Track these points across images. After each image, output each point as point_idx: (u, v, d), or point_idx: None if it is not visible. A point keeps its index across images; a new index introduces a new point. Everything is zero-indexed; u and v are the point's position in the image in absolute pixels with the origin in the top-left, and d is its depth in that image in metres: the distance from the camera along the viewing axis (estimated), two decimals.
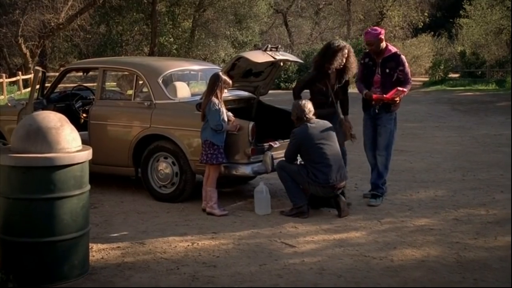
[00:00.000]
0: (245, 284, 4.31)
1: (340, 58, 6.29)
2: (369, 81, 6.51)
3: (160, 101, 6.75)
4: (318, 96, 6.40)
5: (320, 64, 6.39)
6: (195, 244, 5.26)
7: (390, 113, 6.52)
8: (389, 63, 6.43)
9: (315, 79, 6.47)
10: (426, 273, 4.51)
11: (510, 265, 4.52)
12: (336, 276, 4.47)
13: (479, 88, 29.14)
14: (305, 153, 6.10)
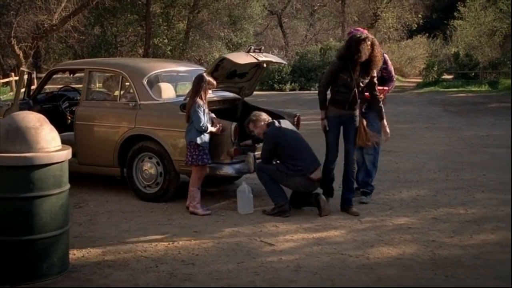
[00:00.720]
0: (222, 282, 4.39)
1: (365, 48, 5.89)
2: None
3: (145, 102, 6.83)
4: (341, 89, 6.04)
5: (345, 55, 6.02)
6: (175, 242, 5.33)
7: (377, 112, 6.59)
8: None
9: (340, 69, 6.03)
10: (400, 270, 4.60)
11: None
12: (312, 273, 4.55)
13: (472, 89, 29.22)
14: (282, 151, 6.21)
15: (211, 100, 6.99)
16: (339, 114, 6.11)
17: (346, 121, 6.14)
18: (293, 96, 24.26)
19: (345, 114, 6.12)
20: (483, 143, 11.29)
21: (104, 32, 30.87)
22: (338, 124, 6.17)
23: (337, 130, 6.19)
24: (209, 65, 6.95)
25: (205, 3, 30.91)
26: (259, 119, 6.33)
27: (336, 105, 6.11)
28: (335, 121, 6.14)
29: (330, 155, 6.26)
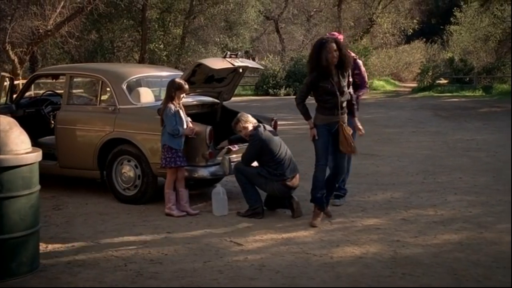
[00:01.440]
0: (185, 280, 4.53)
1: (331, 49, 5.78)
2: None
3: (124, 106, 6.99)
4: (326, 97, 5.95)
5: (316, 63, 5.91)
6: (147, 243, 5.48)
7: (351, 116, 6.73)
8: None
9: (318, 79, 5.93)
10: (360, 269, 4.74)
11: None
12: (274, 272, 4.69)
13: (466, 94, 29.40)
14: (266, 155, 6.33)
15: (190, 104, 7.17)
16: (328, 122, 6.00)
17: (336, 128, 6.01)
18: (287, 101, 24.37)
19: (335, 122, 5.98)
20: (465, 147, 11.43)
21: (100, 38, 31.04)
22: (327, 132, 6.03)
23: (326, 138, 6.04)
24: (185, 71, 7.08)
25: (201, 9, 31.08)
26: (247, 121, 6.44)
27: (325, 113, 6.01)
28: (324, 129, 6.02)
29: (320, 164, 6.09)
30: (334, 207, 6.68)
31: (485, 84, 31.55)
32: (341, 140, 6.00)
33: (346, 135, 6.00)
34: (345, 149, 6.04)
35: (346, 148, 6.03)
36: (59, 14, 23.18)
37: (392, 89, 36.74)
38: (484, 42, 35.06)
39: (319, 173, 6.09)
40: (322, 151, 6.05)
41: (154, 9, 31.84)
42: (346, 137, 6.00)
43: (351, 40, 37.94)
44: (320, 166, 6.08)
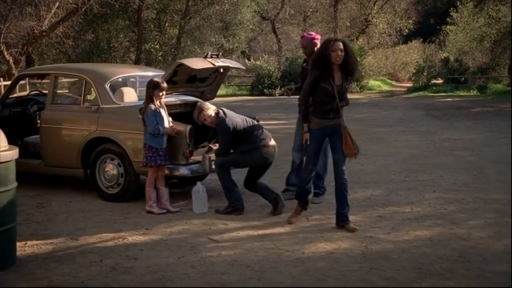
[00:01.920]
0: (157, 274, 4.65)
1: (336, 47, 5.59)
2: (303, 83, 6.85)
3: (107, 106, 7.10)
4: (324, 99, 5.74)
5: (320, 60, 5.71)
6: (125, 239, 5.60)
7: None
8: None
9: (319, 78, 5.73)
10: (329, 263, 4.86)
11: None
12: (245, 266, 4.81)
13: (460, 94, 29.51)
14: (239, 132, 6.45)
15: (173, 103, 7.28)
16: (323, 126, 5.82)
17: (331, 132, 5.84)
18: (282, 101, 24.48)
19: (330, 125, 5.81)
20: (452, 146, 11.54)
21: (96, 38, 31.15)
22: (321, 136, 5.89)
23: (318, 143, 5.92)
24: (166, 70, 7.20)
25: (197, 10, 31.20)
26: (208, 107, 6.50)
27: (320, 116, 5.82)
28: (318, 133, 5.86)
29: (309, 167, 6.04)
30: (313, 204, 6.80)
31: (479, 84, 31.67)
32: (346, 144, 5.79)
33: (351, 138, 5.81)
34: (350, 151, 5.83)
35: (352, 151, 5.83)
36: (54, 14, 23.26)
37: (388, 89, 36.88)
38: (479, 42, 35.17)
39: (306, 174, 6.10)
40: (312, 155, 5.98)
41: (150, 9, 31.96)
42: (353, 140, 5.82)
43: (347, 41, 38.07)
44: (308, 169, 6.06)
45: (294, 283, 4.43)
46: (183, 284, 4.46)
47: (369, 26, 39.62)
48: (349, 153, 5.85)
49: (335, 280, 4.47)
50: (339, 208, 5.93)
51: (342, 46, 5.62)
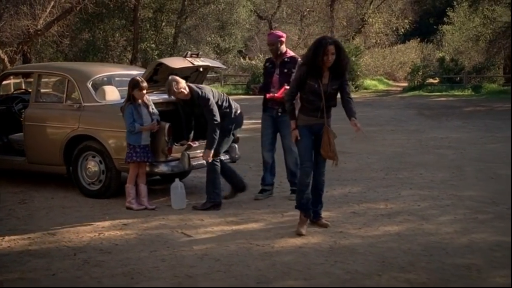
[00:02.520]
0: (128, 267, 4.78)
1: (329, 51, 5.45)
2: (268, 82, 7.01)
3: (88, 104, 7.23)
4: (310, 97, 5.61)
5: (310, 59, 5.58)
6: (101, 234, 5.73)
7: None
8: (287, 64, 6.96)
9: (306, 74, 5.60)
10: (297, 257, 4.99)
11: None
12: (214, 260, 4.94)
13: (455, 93, 29.63)
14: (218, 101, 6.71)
15: (155, 102, 7.40)
16: (310, 124, 5.69)
17: (317, 132, 5.69)
18: None
19: (317, 124, 5.66)
20: (437, 145, 11.66)
21: (93, 37, 31.28)
22: (310, 133, 5.73)
23: (308, 139, 5.72)
24: (146, 69, 7.34)
25: (192, 9, 31.33)
26: (180, 81, 6.57)
27: (307, 113, 5.70)
28: (306, 130, 5.72)
29: (304, 166, 5.75)
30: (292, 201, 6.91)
31: (474, 84, 31.80)
32: (323, 144, 5.65)
33: (329, 139, 5.63)
34: (325, 153, 5.68)
35: (327, 153, 5.67)
36: (49, 14, 23.38)
37: (384, 89, 36.99)
38: (475, 42, 35.29)
39: (304, 176, 5.75)
40: (305, 152, 5.74)
41: (146, 8, 32.08)
42: (330, 141, 5.63)
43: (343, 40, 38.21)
44: (304, 168, 5.74)
45: (259, 276, 4.55)
46: (152, 276, 4.59)
47: (365, 25, 39.72)
48: (324, 154, 5.71)
49: (299, 273, 4.60)
50: (313, 205, 5.89)
51: (334, 50, 5.49)
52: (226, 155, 7.41)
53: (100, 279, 4.53)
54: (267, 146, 7.17)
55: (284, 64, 6.98)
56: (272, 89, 7.00)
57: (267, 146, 7.17)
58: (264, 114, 7.15)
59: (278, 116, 7.02)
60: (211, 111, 6.50)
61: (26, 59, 29.06)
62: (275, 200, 7.11)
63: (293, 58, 7.03)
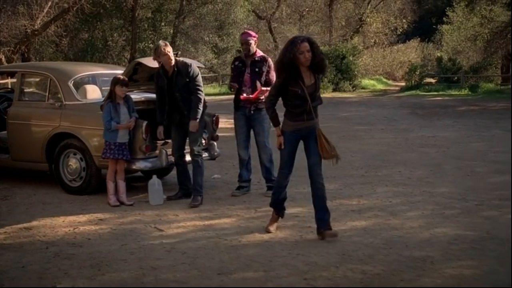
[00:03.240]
0: (97, 260, 4.93)
1: (303, 49, 5.24)
2: (239, 81, 7.16)
3: (69, 102, 7.40)
4: (295, 102, 5.38)
5: (286, 63, 5.30)
6: (76, 229, 5.89)
7: (264, 111, 7.18)
8: (258, 63, 7.14)
9: (287, 81, 5.37)
10: (261, 250, 5.14)
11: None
12: (181, 253, 5.10)
13: (451, 93, 29.73)
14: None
15: (136, 100, 7.56)
16: (297, 128, 5.48)
17: (306, 135, 5.49)
18: None
19: (305, 127, 5.46)
20: (422, 143, 11.80)
21: (91, 37, 31.50)
22: (296, 139, 5.54)
23: (292, 146, 5.55)
24: (125, 69, 7.50)
25: (190, 9, 31.53)
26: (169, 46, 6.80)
27: (293, 118, 5.48)
28: (292, 136, 5.51)
29: (283, 171, 5.68)
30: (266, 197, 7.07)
31: (471, 83, 31.89)
32: (321, 147, 5.43)
33: (326, 140, 5.44)
34: (327, 155, 5.47)
35: (328, 153, 5.46)
36: (46, 14, 23.59)
37: (382, 88, 37.12)
38: (472, 42, 35.38)
39: (281, 179, 5.73)
40: (286, 159, 5.61)
41: (145, 8, 32.29)
42: (328, 141, 5.46)
43: (341, 40, 38.36)
44: (283, 173, 5.69)
45: (221, 267, 4.70)
46: (118, 268, 4.75)
47: (364, 25, 39.86)
48: (327, 156, 5.47)
49: (260, 265, 4.75)
50: (317, 214, 5.58)
51: (309, 47, 5.28)
52: (205, 153, 7.58)
53: (68, 271, 4.69)
54: (242, 144, 7.33)
55: (255, 63, 7.15)
56: (244, 87, 7.16)
57: (242, 144, 7.33)
58: (237, 113, 7.30)
59: (251, 114, 7.18)
60: (198, 83, 6.77)
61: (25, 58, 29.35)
62: (251, 196, 7.26)
63: (263, 57, 7.21)
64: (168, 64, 6.74)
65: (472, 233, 5.52)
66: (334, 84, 31.41)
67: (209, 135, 7.71)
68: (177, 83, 6.79)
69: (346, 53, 32.86)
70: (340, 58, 32.58)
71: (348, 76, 32.79)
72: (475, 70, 33.25)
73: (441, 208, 6.48)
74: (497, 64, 34.95)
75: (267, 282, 4.39)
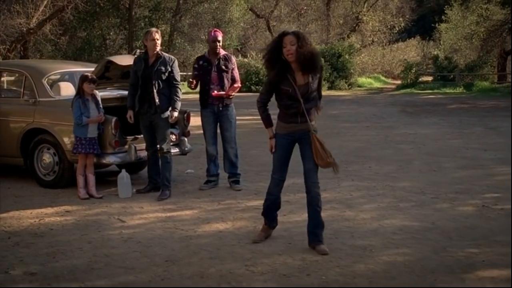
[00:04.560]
0: (54, 248, 5.16)
1: (286, 42, 4.84)
2: (206, 79, 7.38)
3: (43, 99, 7.65)
4: (287, 102, 4.97)
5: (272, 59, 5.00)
6: (42, 220, 6.13)
7: (231, 107, 7.43)
8: (224, 62, 7.37)
9: (277, 79, 4.97)
10: (213, 240, 5.36)
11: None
12: (136, 242, 5.33)
13: (446, 91, 29.95)
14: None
15: (109, 97, 7.81)
16: (291, 131, 5.05)
17: (300, 138, 5.06)
18: None
19: (299, 130, 5.02)
20: (401, 140, 12.01)
21: (88, 35, 31.79)
22: (289, 142, 5.12)
23: (284, 150, 5.14)
24: (96, 67, 7.74)
25: (187, 8, 31.80)
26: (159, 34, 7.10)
27: (286, 120, 5.06)
28: (285, 139, 5.10)
29: (275, 177, 5.29)
30: (231, 191, 7.32)
31: (467, 82, 32.07)
32: (316, 153, 5.02)
33: (321, 145, 5.01)
34: (323, 162, 5.06)
35: (324, 160, 5.04)
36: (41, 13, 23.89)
37: (378, 86, 37.36)
38: (469, 41, 35.56)
39: (272, 185, 5.32)
40: (278, 164, 5.24)
41: (142, 7, 32.58)
42: (323, 147, 5.01)
43: (339, 38, 38.56)
44: (275, 179, 5.30)
45: (170, 255, 4.93)
46: (73, 255, 4.98)
47: (360, 24, 40.05)
48: (322, 163, 5.07)
49: (208, 253, 4.98)
50: (309, 226, 5.16)
51: (294, 39, 4.83)
52: (176, 148, 7.81)
53: (24, 258, 4.92)
54: (210, 140, 7.56)
55: (220, 61, 7.37)
56: (211, 85, 7.38)
57: (211, 140, 7.55)
58: (204, 111, 7.52)
59: (220, 111, 7.41)
60: (178, 79, 7.04)
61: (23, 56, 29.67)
62: (218, 190, 7.48)
63: (227, 55, 7.45)
64: (152, 50, 6.94)
65: (418, 224, 5.75)
66: (330, 82, 31.64)
67: (180, 131, 7.93)
68: (158, 71, 6.95)
69: (342, 52, 33.09)
70: (336, 57, 32.82)
71: (344, 75, 33.02)
72: (471, 68, 33.41)
73: (397, 201, 6.69)
74: (493, 62, 35.11)
75: (210, 268, 4.62)
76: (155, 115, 7.01)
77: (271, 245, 5.19)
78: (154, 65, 6.96)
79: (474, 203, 6.59)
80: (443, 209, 6.33)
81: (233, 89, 7.33)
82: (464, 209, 6.35)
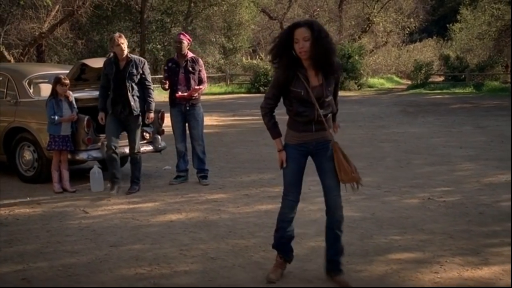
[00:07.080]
0: (13, 235, 5.59)
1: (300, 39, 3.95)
2: (174, 80, 7.77)
3: (24, 100, 8.13)
4: (299, 109, 4.12)
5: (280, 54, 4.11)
6: (12, 211, 6.57)
7: (198, 107, 7.82)
8: (191, 63, 7.77)
9: (286, 78, 4.09)
10: (161, 229, 5.75)
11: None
12: (90, 230, 5.74)
13: (456, 91, 29.95)
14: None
15: (86, 98, 8.25)
16: (304, 141, 4.21)
17: (317, 150, 4.26)
18: None
19: (315, 140, 4.20)
20: (386, 139, 12.24)
21: (101, 39, 32.48)
22: (302, 154, 4.30)
23: (297, 164, 4.32)
24: (71, 69, 8.19)
25: (197, 11, 32.32)
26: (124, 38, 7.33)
27: (297, 128, 4.19)
28: (297, 151, 4.26)
29: (288, 198, 4.44)
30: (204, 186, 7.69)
31: (477, 82, 32.04)
32: (340, 166, 4.25)
33: (344, 157, 4.26)
34: (347, 177, 4.28)
35: (349, 175, 4.28)
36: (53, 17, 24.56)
37: (389, 87, 37.41)
38: (481, 40, 35.53)
39: (285, 209, 4.47)
40: (292, 181, 4.40)
41: (154, 11, 33.19)
42: (347, 159, 4.27)
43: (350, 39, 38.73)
44: (288, 200, 4.44)
45: (116, 241, 5.33)
46: (28, 242, 5.41)
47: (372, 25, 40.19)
48: (346, 178, 4.28)
49: (151, 240, 5.37)
50: (329, 253, 4.37)
51: (308, 33, 3.95)
52: (150, 145, 8.23)
53: None
54: (179, 137, 7.95)
55: (188, 63, 7.77)
56: (179, 86, 7.77)
57: (179, 137, 7.94)
58: (173, 110, 7.91)
59: (187, 110, 7.81)
60: (149, 78, 7.42)
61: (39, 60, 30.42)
62: (186, 185, 7.86)
63: (195, 58, 7.86)
64: (120, 55, 7.27)
65: (358, 215, 6.08)
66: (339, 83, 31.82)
67: (154, 129, 8.33)
68: (130, 73, 7.26)
69: (352, 53, 33.27)
70: (346, 58, 33.00)
71: (353, 75, 33.18)
72: (481, 68, 33.37)
73: (350, 195, 6.91)
74: (504, 62, 35.01)
75: (147, 252, 5.01)
76: (129, 116, 7.36)
77: (212, 233, 5.56)
78: (126, 69, 7.30)
79: (422, 196, 6.90)
80: (389, 202, 6.64)
81: (195, 90, 7.72)
82: (409, 201, 6.67)
